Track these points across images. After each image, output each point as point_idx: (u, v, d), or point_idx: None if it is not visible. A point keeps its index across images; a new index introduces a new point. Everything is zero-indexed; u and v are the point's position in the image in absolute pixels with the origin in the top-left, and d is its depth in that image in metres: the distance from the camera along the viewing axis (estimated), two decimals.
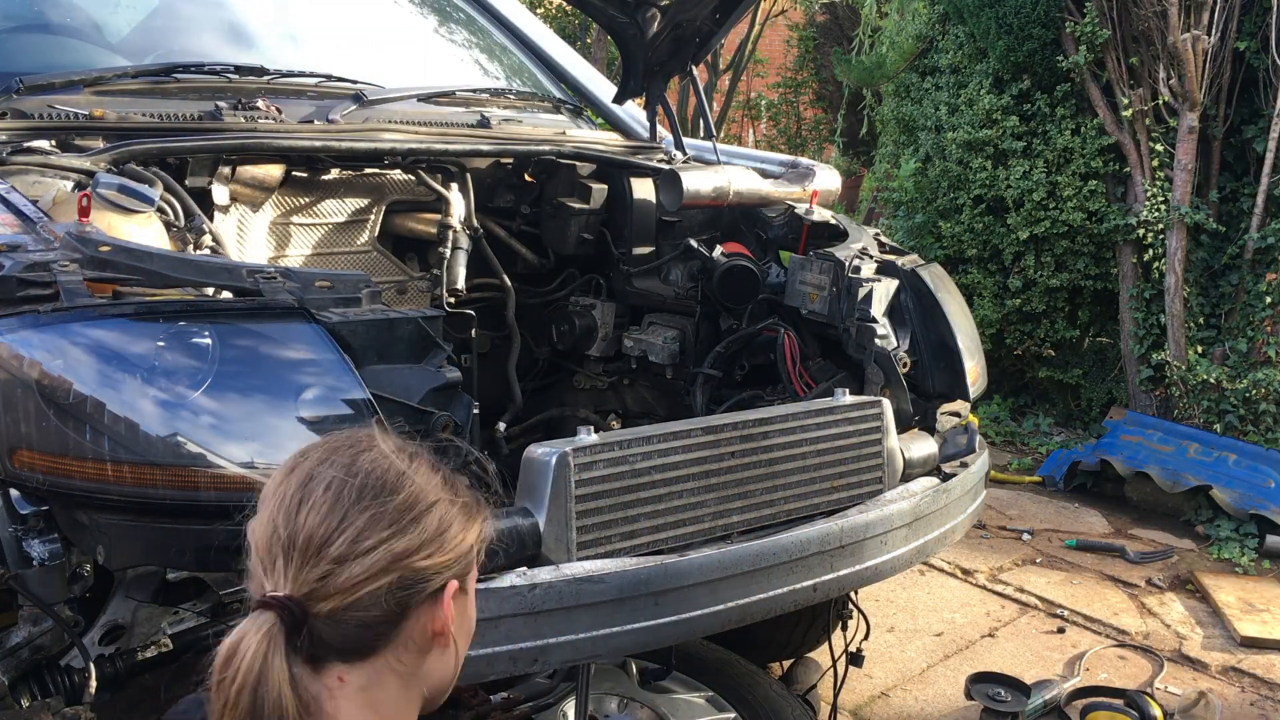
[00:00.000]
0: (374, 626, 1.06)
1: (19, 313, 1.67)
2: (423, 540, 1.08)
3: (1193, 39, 4.81)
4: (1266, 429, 4.87)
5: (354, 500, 1.07)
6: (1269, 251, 4.99)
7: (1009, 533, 4.60)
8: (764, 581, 1.94)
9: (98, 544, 1.68)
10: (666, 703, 2.56)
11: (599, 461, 1.85)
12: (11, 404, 1.63)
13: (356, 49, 3.24)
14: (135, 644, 2.01)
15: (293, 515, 1.07)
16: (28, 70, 2.41)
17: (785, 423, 2.11)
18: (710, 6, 2.93)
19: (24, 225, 1.88)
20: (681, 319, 2.99)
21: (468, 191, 2.89)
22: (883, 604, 3.83)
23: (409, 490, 1.09)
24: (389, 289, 2.89)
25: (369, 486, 1.08)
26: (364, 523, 1.06)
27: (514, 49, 3.72)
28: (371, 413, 1.69)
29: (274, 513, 1.08)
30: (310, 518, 1.06)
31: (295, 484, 1.09)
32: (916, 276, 2.64)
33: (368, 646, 1.07)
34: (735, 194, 2.93)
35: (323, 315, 1.76)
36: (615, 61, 6.78)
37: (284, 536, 1.06)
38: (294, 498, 1.08)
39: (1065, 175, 5.47)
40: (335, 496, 1.07)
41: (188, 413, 1.60)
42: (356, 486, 1.08)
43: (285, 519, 1.07)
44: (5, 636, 1.85)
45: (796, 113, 10.55)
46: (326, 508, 1.06)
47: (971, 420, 2.64)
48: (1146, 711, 3.00)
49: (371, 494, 1.08)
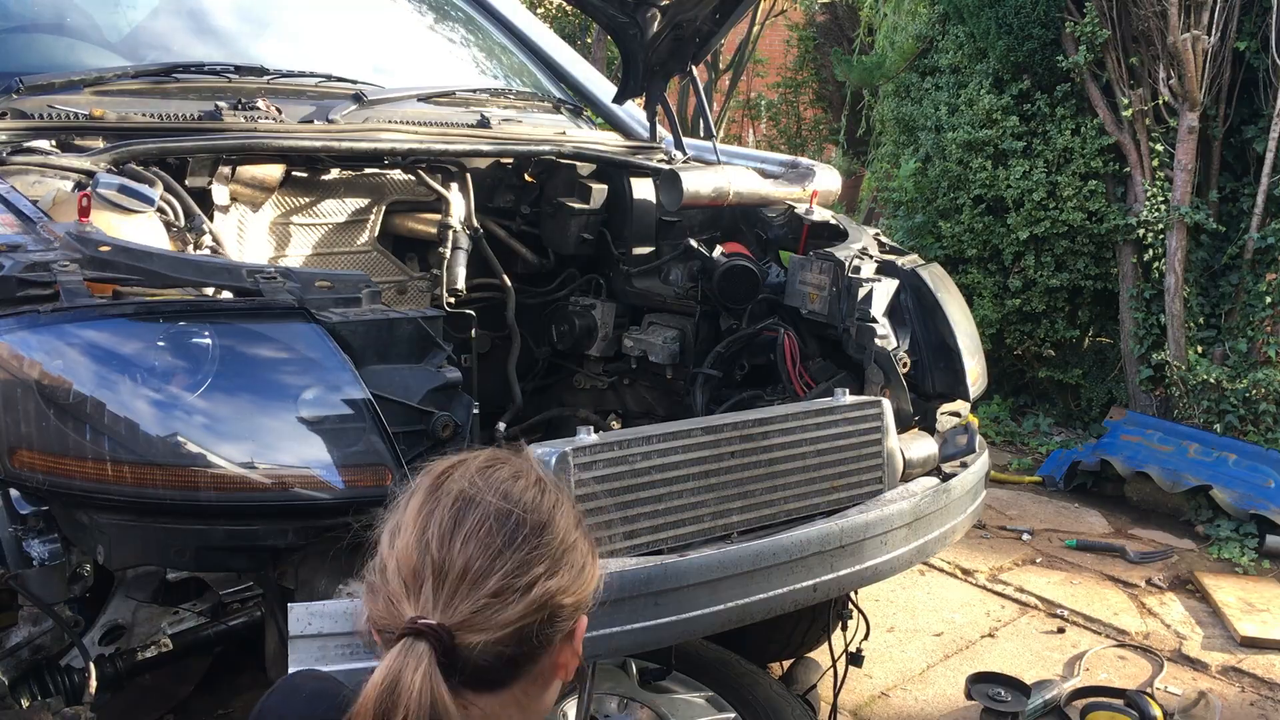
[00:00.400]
0: (517, 660, 1.04)
1: (19, 313, 1.67)
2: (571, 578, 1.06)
3: (1193, 39, 4.81)
4: (1266, 429, 4.87)
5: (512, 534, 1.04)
6: (1269, 251, 4.99)
7: (1009, 533, 4.60)
8: (764, 581, 1.94)
9: (98, 544, 1.68)
10: (666, 703, 2.56)
11: (599, 461, 1.85)
12: (11, 404, 1.63)
13: (356, 49, 3.24)
14: (135, 644, 2.01)
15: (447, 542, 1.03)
16: (28, 70, 2.41)
17: (785, 423, 2.11)
18: (710, 6, 2.93)
19: (24, 225, 1.88)
20: (681, 319, 2.99)
21: (468, 191, 2.89)
22: (883, 604, 3.83)
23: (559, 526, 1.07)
24: (389, 289, 2.89)
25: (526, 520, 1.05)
26: (522, 557, 1.03)
27: (514, 49, 3.72)
28: (371, 413, 1.69)
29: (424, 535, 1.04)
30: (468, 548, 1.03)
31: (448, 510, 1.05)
32: (916, 276, 2.64)
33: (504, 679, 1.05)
34: (735, 194, 2.92)
35: (323, 315, 1.76)
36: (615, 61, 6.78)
37: (436, 563, 1.02)
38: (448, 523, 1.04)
39: (1065, 175, 5.47)
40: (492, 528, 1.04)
41: (188, 413, 1.60)
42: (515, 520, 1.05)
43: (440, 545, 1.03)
44: (5, 636, 1.86)
45: (796, 113, 10.55)
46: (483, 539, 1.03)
47: (971, 420, 2.64)
48: (1146, 711, 3.00)
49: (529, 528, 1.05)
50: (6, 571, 1.70)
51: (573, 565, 1.07)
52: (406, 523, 1.07)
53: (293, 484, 1.60)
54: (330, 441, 1.64)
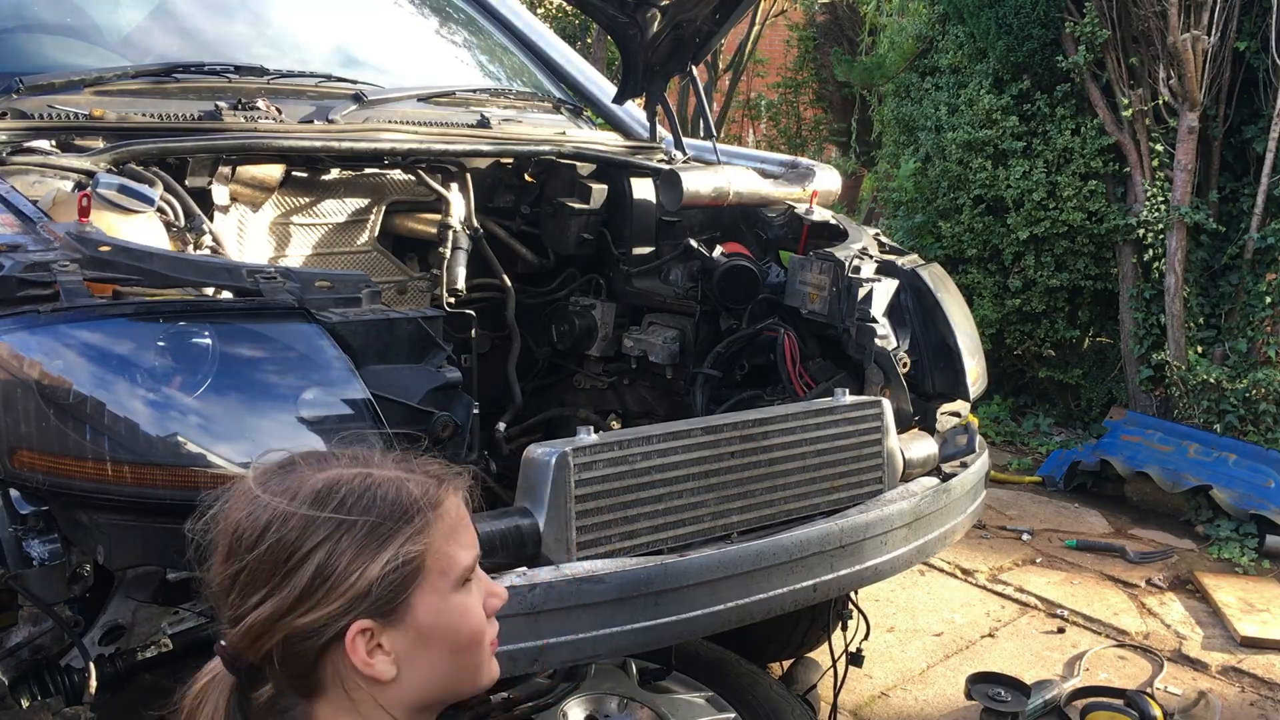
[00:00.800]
0: (296, 675, 1.03)
1: (19, 313, 1.67)
2: (293, 598, 1.00)
3: (1193, 39, 4.81)
4: (1266, 429, 4.87)
5: (237, 550, 1.01)
6: (1269, 251, 4.99)
7: (1009, 533, 4.60)
8: (764, 581, 1.94)
9: (98, 544, 1.68)
10: (666, 703, 2.56)
11: (599, 461, 1.85)
12: (11, 404, 1.63)
13: (356, 49, 3.24)
14: (135, 644, 2.01)
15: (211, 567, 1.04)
16: (28, 70, 2.41)
17: (785, 423, 2.11)
18: (710, 6, 2.93)
19: (24, 225, 1.88)
20: (681, 319, 2.99)
21: (468, 191, 2.89)
22: (883, 604, 3.83)
23: (274, 538, 1.00)
24: (389, 289, 2.89)
25: (247, 537, 1.01)
26: (241, 581, 1.01)
27: (514, 49, 3.72)
28: (371, 413, 1.69)
29: None
30: (213, 572, 1.04)
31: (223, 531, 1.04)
32: (916, 276, 2.64)
33: (309, 689, 1.04)
34: (735, 194, 2.92)
35: (323, 315, 1.76)
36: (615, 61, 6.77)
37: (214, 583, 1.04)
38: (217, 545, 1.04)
39: (1065, 175, 5.47)
40: (229, 547, 1.02)
41: (188, 413, 1.60)
42: (239, 537, 1.02)
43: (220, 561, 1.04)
44: (5, 636, 1.85)
45: (796, 113, 10.54)
46: (221, 557, 1.03)
47: (971, 420, 2.64)
48: (1146, 711, 3.00)
49: (248, 544, 1.01)
50: (6, 571, 1.70)
51: (296, 584, 0.99)
52: None
53: None
54: (330, 441, 1.64)
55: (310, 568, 1.00)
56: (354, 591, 1.00)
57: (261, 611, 0.99)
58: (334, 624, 1.00)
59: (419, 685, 1.05)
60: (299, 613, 0.99)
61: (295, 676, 1.03)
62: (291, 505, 1.01)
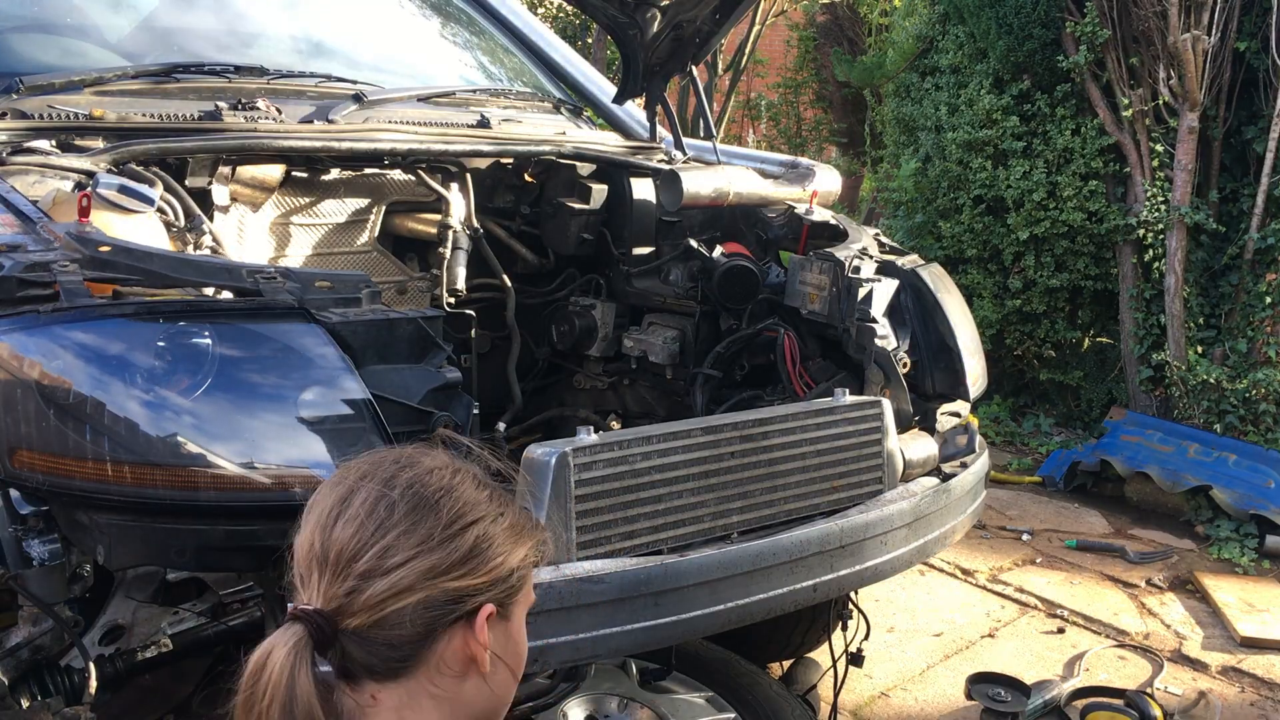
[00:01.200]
0: (401, 647, 1.04)
1: (19, 313, 1.67)
2: (453, 560, 1.05)
3: (1193, 39, 4.81)
4: (1266, 429, 4.87)
5: (386, 516, 1.05)
6: (1269, 251, 4.99)
7: (1009, 533, 4.59)
8: (764, 581, 1.94)
9: (98, 544, 1.67)
10: (666, 703, 2.56)
11: (599, 461, 1.85)
12: (11, 404, 1.63)
13: (357, 49, 3.24)
14: (135, 644, 2.01)
15: (329, 530, 1.06)
16: (28, 70, 2.41)
17: (785, 423, 2.11)
18: (710, 6, 2.93)
19: (24, 225, 1.88)
20: (681, 319, 2.99)
21: (468, 192, 2.89)
22: (883, 604, 3.83)
23: (447, 508, 1.06)
24: (389, 289, 2.89)
25: (403, 502, 1.06)
26: (393, 539, 1.04)
27: (514, 49, 3.72)
28: (371, 413, 1.69)
29: (313, 527, 1.07)
30: (343, 532, 1.05)
31: (335, 499, 1.08)
32: (916, 276, 2.64)
33: (398, 667, 1.05)
34: (735, 194, 2.92)
35: (323, 315, 1.76)
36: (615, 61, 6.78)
37: (319, 550, 1.05)
38: (332, 512, 1.07)
39: (1065, 175, 5.46)
40: (369, 511, 1.05)
41: (187, 413, 1.60)
42: (391, 502, 1.05)
43: (321, 533, 1.06)
44: (5, 636, 1.86)
45: (796, 113, 10.55)
46: (359, 522, 1.05)
47: (971, 420, 2.64)
48: (1146, 712, 3.00)
49: (405, 510, 1.05)
50: (6, 571, 1.70)
51: (459, 547, 1.05)
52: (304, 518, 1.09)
53: (293, 484, 1.60)
54: (330, 441, 1.64)
55: (470, 538, 1.06)
56: (498, 572, 1.07)
57: (416, 567, 1.03)
58: (475, 597, 1.06)
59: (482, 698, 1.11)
60: (453, 575, 1.04)
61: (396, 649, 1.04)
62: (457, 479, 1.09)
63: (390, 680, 1.05)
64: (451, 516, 1.06)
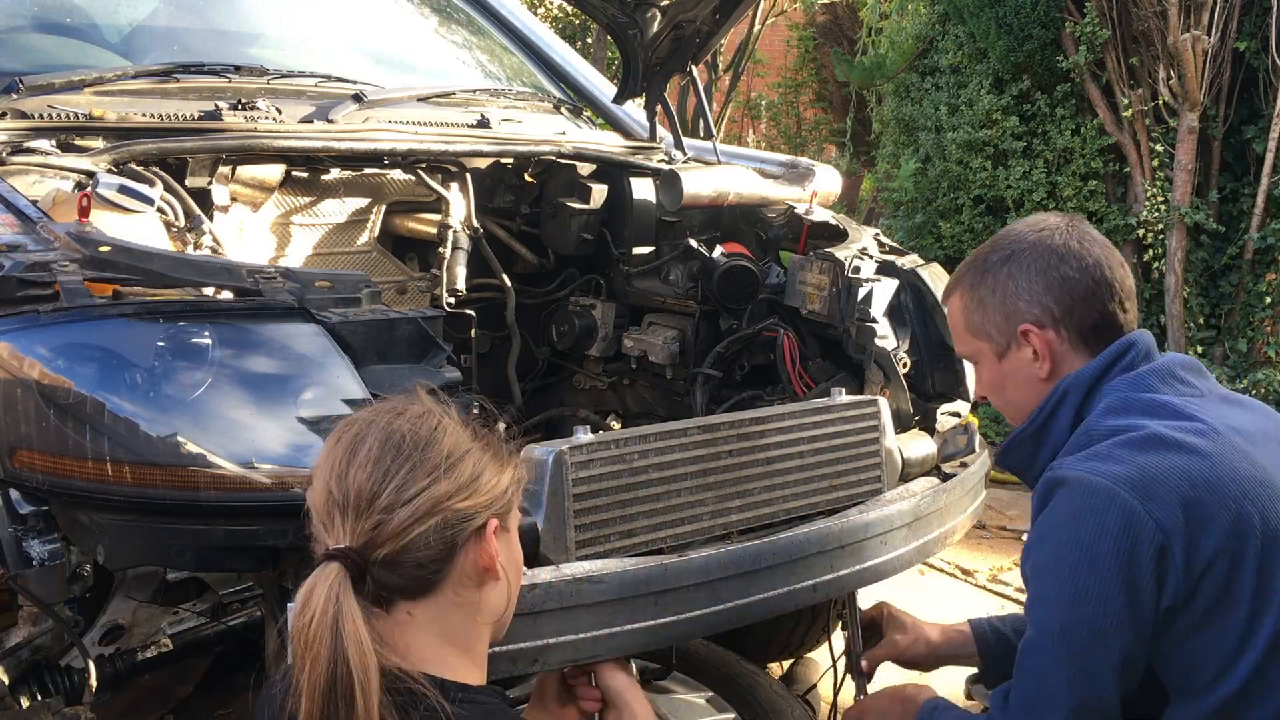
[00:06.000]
0: (428, 565, 1.21)
1: (19, 313, 1.67)
2: (459, 485, 1.22)
3: (1193, 39, 4.81)
4: None
5: (394, 456, 1.21)
6: (1269, 251, 5.00)
7: (1009, 533, 4.59)
8: (764, 581, 1.94)
9: (98, 544, 1.68)
10: (666, 703, 2.56)
11: (596, 460, 1.85)
12: (11, 404, 1.63)
13: (356, 49, 3.24)
14: (135, 644, 2.01)
15: (344, 477, 1.21)
16: (28, 70, 2.41)
17: (782, 421, 2.10)
18: (710, 6, 2.93)
19: (24, 225, 1.88)
20: (681, 319, 2.99)
21: (468, 191, 2.89)
22: None
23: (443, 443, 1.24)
24: (389, 289, 2.89)
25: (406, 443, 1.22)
26: (405, 474, 1.20)
27: (514, 49, 3.72)
28: None
29: (327, 479, 1.22)
30: (359, 476, 1.20)
31: (343, 451, 1.23)
32: (916, 276, 2.64)
33: (427, 584, 1.22)
34: (735, 194, 2.92)
35: (323, 315, 1.76)
36: (615, 61, 6.78)
37: (338, 497, 1.20)
38: (343, 462, 1.22)
39: (1065, 175, 5.47)
40: (378, 455, 1.21)
41: (187, 413, 1.60)
42: (395, 444, 1.22)
43: (338, 482, 1.21)
44: (5, 636, 1.86)
45: (796, 113, 10.55)
46: (371, 465, 1.20)
47: (971, 420, 2.64)
48: None
49: (410, 449, 1.22)
50: (6, 571, 1.70)
51: (461, 475, 1.23)
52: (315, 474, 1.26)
53: (293, 484, 1.60)
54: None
55: (468, 466, 1.25)
56: (495, 492, 1.27)
57: (431, 494, 1.20)
58: (482, 514, 1.24)
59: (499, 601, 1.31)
60: (460, 498, 1.22)
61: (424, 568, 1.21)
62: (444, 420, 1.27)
63: (422, 597, 1.22)
64: (449, 450, 1.24)
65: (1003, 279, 1.73)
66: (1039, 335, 1.71)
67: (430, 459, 1.22)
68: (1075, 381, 1.68)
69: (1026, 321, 1.71)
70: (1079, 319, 1.69)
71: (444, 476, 1.21)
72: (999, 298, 1.73)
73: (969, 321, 1.80)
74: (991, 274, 1.75)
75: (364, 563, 1.17)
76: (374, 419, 1.26)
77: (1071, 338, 1.70)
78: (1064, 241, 1.71)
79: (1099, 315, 1.69)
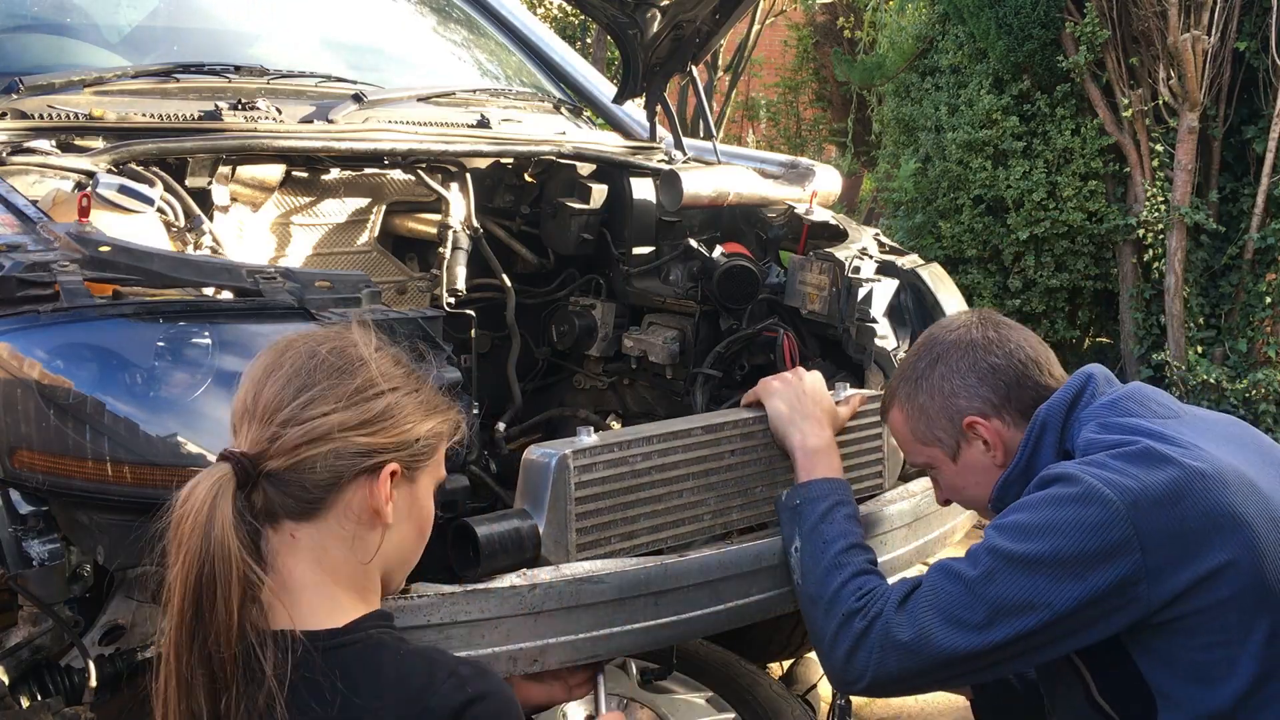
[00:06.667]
0: (313, 490, 1.22)
1: (19, 313, 1.67)
2: (363, 419, 1.23)
3: (1193, 39, 4.81)
4: (1267, 429, 4.87)
5: (308, 377, 1.23)
6: (1269, 251, 4.99)
7: None
8: (764, 581, 1.94)
9: (98, 544, 1.68)
10: (666, 703, 2.56)
11: (598, 463, 1.85)
12: (11, 404, 1.63)
13: (356, 49, 3.24)
14: (135, 644, 2.01)
15: (260, 387, 1.24)
16: (28, 70, 2.41)
17: None
18: (710, 6, 2.93)
19: (24, 225, 1.88)
20: (681, 319, 2.99)
21: (468, 192, 2.89)
22: None
23: (360, 375, 1.25)
24: (389, 289, 2.89)
25: (325, 366, 1.24)
26: (311, 395, 1.22)
27: (514, 49, 3.72)
28: None
29: (247, 388, 1.26)
30: (271, 388, 1.23)
31: (267, 363, 1.26)
32: (916, 276, 2.64)
33: (311, 508, 1.23)
34: (735, 194, 2.92)
35: (323, 315, 1.76)
36: (615, 61, 6.78)
37: (249, 405, 1.24)
38: (264, 374, 1.25)
39: (1065, 175, 5.47)
40: (294, 373, 1.24)
41: (188, 413, 1.60)
42: (314, 366, 1.24)
43: (255, 389, 1.25)
44: (5, 636, 1.85)
45: (796, 113, 10.55)
46: (284, 382, 1.23)
47: None
48: None
49: (324, 374, 1.23)
50: (6, 571, 1.70)
51: (370, 410, 1.23)
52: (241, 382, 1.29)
53: None
54: None
55: (382, 403, 1.25)
56: (404, 437, 1.26)
57: (331, 420, 1.21)
58: (380, 455, 1.24)
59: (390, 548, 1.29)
60: (361, 431, 1.23)
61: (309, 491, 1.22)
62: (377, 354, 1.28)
63: (305, 520, 1.23)
64: (366, 383, 1.25)
65: (936, 381, 1.78)
66: (985, 425, 1.75)
67: (341, 386, 1.23)
68: (1050, 410, 1.71)
69: (970, 414, 1.75)
70: (1017, 400, 1.75)
71: (350, 406, 1.22)
72: (939, 401, 1.78)
73: (915, 431, 1.83)
74: (924, 380, 1.79)
75: (254, 471, 1.20)
76: (304, 342, 1.28)
77: (1015, 419, 1.75)
78: (982, 334, 1.77)
79: (1034, 391, 1.74)
